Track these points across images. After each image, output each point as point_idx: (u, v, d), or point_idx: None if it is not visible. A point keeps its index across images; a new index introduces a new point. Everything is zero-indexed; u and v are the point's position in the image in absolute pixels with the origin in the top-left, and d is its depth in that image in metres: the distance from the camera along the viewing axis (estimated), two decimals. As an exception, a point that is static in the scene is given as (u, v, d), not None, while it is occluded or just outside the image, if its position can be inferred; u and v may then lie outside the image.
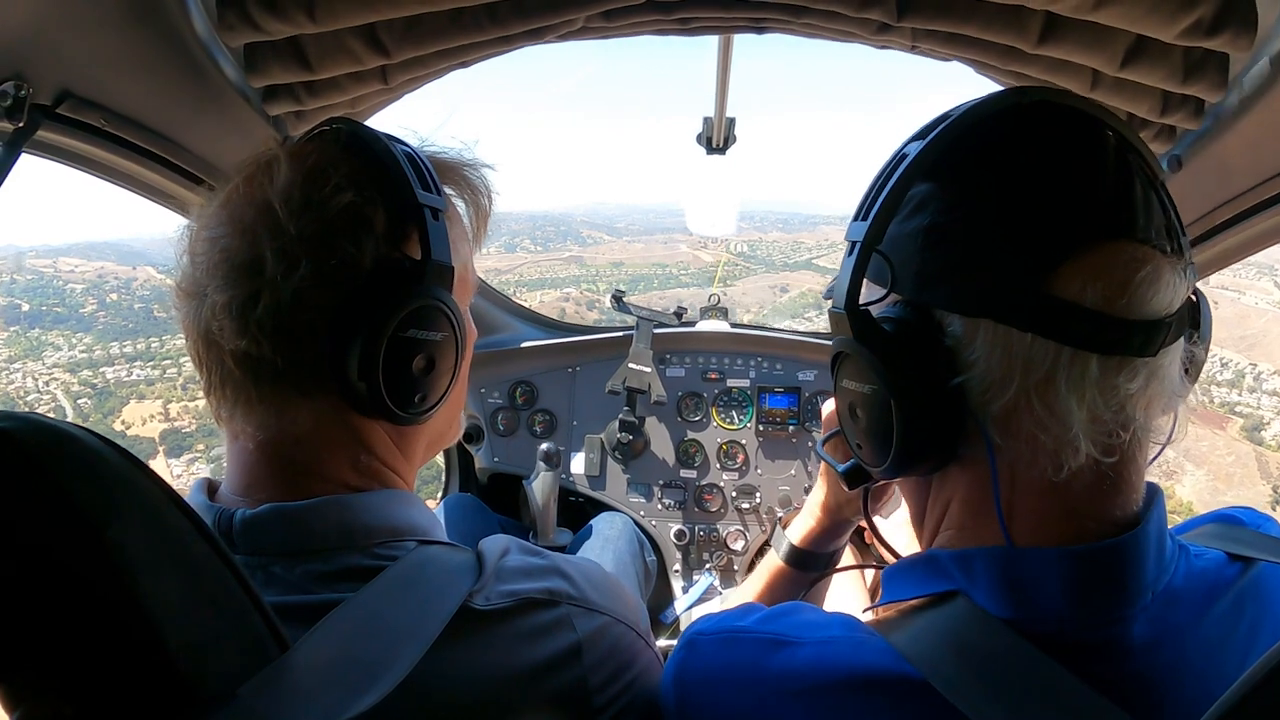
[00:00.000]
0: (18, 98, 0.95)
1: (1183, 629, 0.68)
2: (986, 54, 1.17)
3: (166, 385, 24.00)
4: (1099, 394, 0.64)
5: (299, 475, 0.80)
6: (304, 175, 0.78)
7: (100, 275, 27.19)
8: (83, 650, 0.54)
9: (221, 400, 0.80)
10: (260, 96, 1.22)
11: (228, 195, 0.80)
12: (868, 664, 0.69)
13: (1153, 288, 0.64)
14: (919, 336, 0.70)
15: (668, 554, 2.48)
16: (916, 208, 0.71)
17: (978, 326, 0.67)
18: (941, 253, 0.70)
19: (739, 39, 1.58)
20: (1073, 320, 0.64)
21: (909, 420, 0.69)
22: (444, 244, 0.83)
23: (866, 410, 0.74)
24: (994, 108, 0.69)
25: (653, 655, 0.94)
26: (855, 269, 0.70)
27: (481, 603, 0.75)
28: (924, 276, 0.70)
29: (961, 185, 0.70)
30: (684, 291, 42.57)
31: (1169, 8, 0.95)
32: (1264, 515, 0.86)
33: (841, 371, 0.77)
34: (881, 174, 0.71)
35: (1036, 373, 0.65)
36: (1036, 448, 0.66)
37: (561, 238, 50.74)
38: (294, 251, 0.75)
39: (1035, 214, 0.66)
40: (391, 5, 1.06)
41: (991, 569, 0.70)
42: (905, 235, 0.71)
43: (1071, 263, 0.64)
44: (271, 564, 0.74)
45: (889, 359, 0.69)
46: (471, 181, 0.96)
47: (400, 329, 0.77)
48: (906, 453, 0.71)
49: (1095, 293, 0.63)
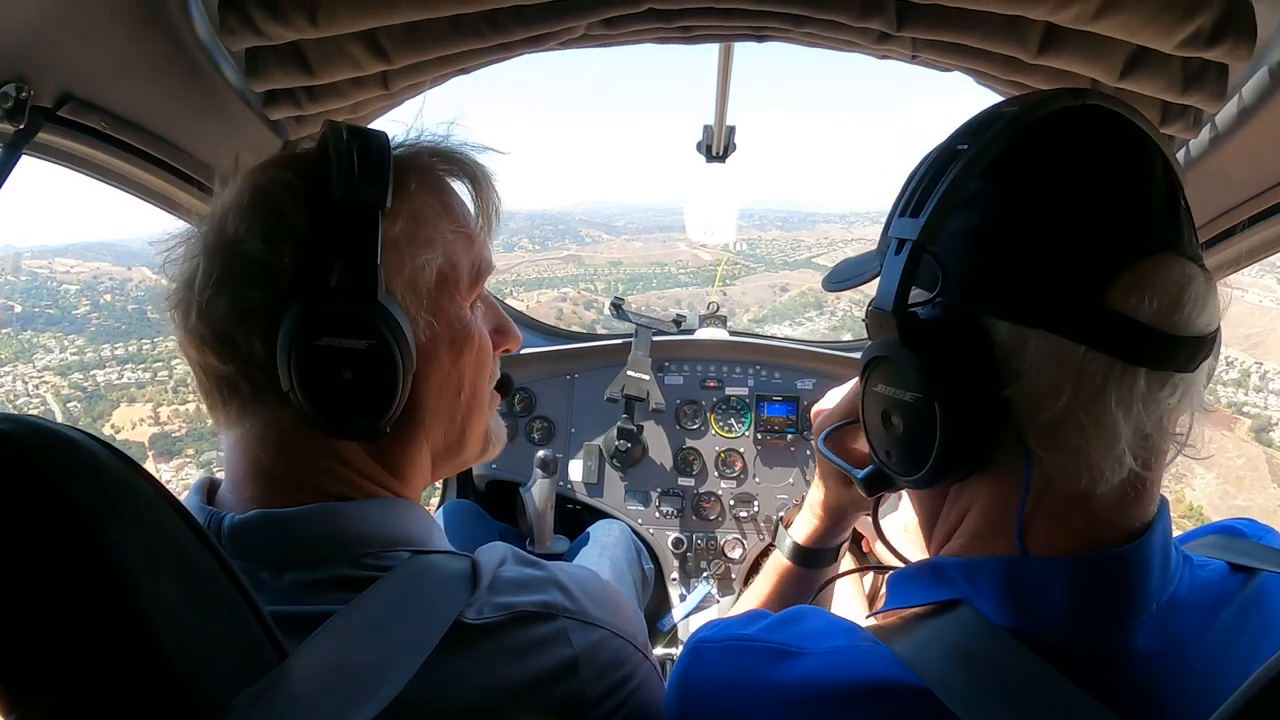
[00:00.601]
0: (19, 100, 0.95)
1: (1186, 639, 0.67)
2: (986, 64, 1.17)
3: (157, 388, 23.76)
4: (1144, 408, 0.63)
5: (281, 484, 0.79)
6: (249, 187, 0.79)
7: (95, 276, 27.00)
8: (80, 653, 0.53)
9: (208, 406, 0.81)
10: (261, 101, 1.22)
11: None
12: (872, 673, 0.69)
13: (1201, 304, 0.64)
14: (968, 343, 0.67)
15: (665, 562, 2.47)
16: (966, 205, 0.69)
17: (1028, 336, 0.65)
18: (995, 258, 0.68)
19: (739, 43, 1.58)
20: (1129, 335, 0.63)
21: (952, 430, 0.67)
22: (368, 242, 0.75)
23: (905, 418, 0.71)
24: (1048, 109, 0.67)
25: (651, 667, 0.92)
26: (906, 269, 0.67)
27: (474, 616, 0.74)
28: (974, 280, 0.68)
29: (1017, 189, 0.68)
30: (683, 291, 42.13)
31: (1168, 18, 0.96)
32: (1265, 526, 0.86)
33: (878, 375, 0.73)
34: (930, 169, 0.69)
35: (1088, 386, 0.63)
36: (1080, 460, 0.65)
37: (560, 236, 50.25)
38: (214, 259, 0.76)
39: (1093, 225, 0.65)
40: (392, 11, 1.06)
41: (996, 578, 0.70)
42: (954, 234, 0.69)
43: (1127, 276, 0.63)
44: (259, 570, 0.73)
45: (937, 366, 0.67)
46: (466, 166, 0.90)
47: (311, 337, 0.73)
48: (945, 463, 0.68)
49: (1150, 308, 0.62)
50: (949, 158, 0.67)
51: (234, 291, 0.75)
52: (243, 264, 0.75)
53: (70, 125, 1.06)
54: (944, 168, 0.67)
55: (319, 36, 1.08)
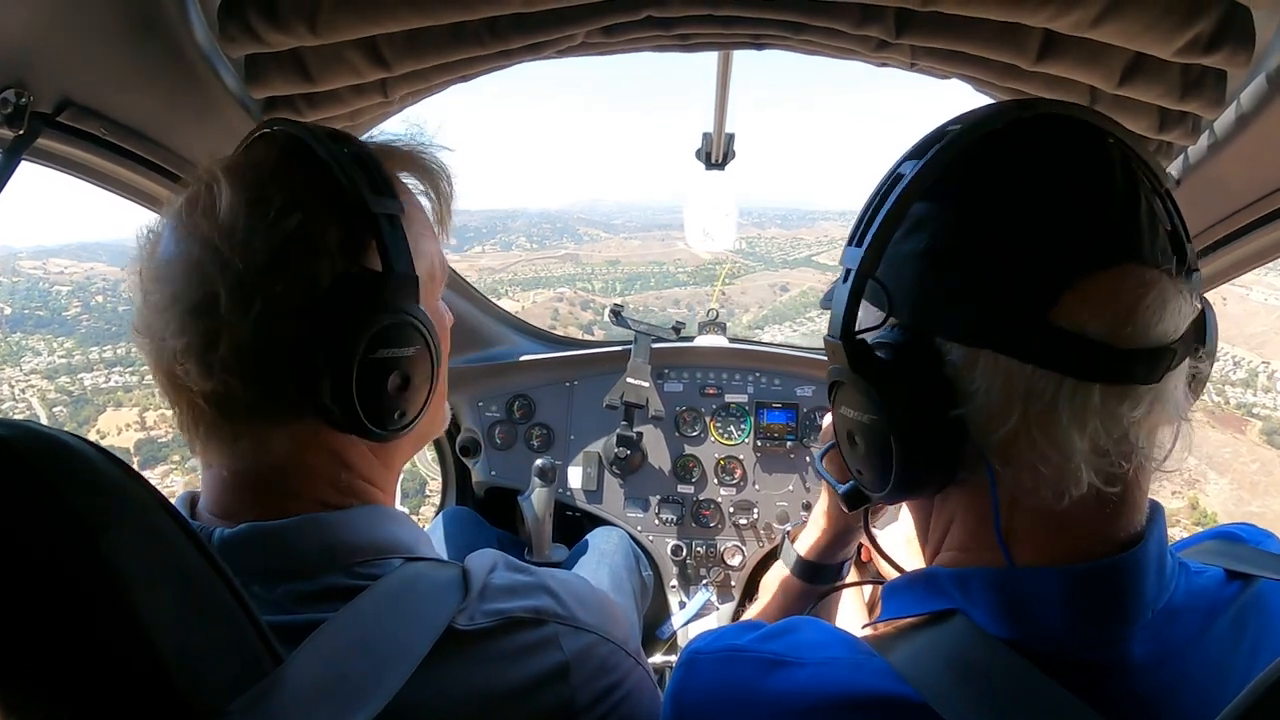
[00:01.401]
0: (18, 105, 0.95)
1: (1183, 647, 0.67)
2: (985, 71, 1.18)
3: (144, 392, 23.33)
4: (1101, 424, 0.63)
5: (276, 496, 0.79)
6: (246, 201, 0.74)
7: (88, 277, 26.67)
8: (76, 659, 0.53)
9: (194, 436, 0.78)
10: (261, 108, 1.22)
11: (170, 229, 0.77)
12: (866, 685, 0.68)
13: (1157, 314, 0.62)
14: (917, 365, 0.68)
15: (664, 569, 2.47)
16: (914, 228, 0.69)
17: (977, 355, 0.65)
18: (940, 278, 0.68)
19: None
20: (1076, 351, 0.62)
21: (908, 450, 0.68)
22: (404, 252, 0.79)
23: (864, 439, 0.72)
24: (994, 123, 0.67)
25: (643, 673, 0.92)
26: (850, 299, 0.68)
27: (465, 622, 0.74)
28: (922, 302, 0.69)
29: (960, 207, 0.68)
30: (681, 291, 41.83)
31: (1167, 25, 0.96)
32: (1265, 532, 0.85)
33: (839, 399, 0.75)
34: (876, 195, 0.69)
35: (1038, 404, 0.63)
36: (1038, 477, 0.65)
37: (558, 235, 49.92)
38: (246, 286, 0.72)
39: (1038, 240, 0.64)
40: (392, 19, 1.06)
41: (990, 589, 0.69)
42: (902, 258, 0.69)
43: (1075, 290, 0.62)
44: (251, 584, 0.72)
45: (886, 390, 0.67)
46: (427, 166, 0.92)
47: (369, 351, 0.74)
48: (905, 481, 0.70)
49: (1099, 322, 0.61)
50: (893, 182, 0.68)
51: (274, 314, 0.73)
52: (283, 286, 0.73)
53: (69, 131, 1.07)
54: (887, 193, 0.68)
55: (319, 44, 1.08)
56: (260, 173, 0.78)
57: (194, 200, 0.76)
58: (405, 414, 0.81)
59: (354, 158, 0.80)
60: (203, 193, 0.76)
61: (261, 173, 0.78)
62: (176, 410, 0.78)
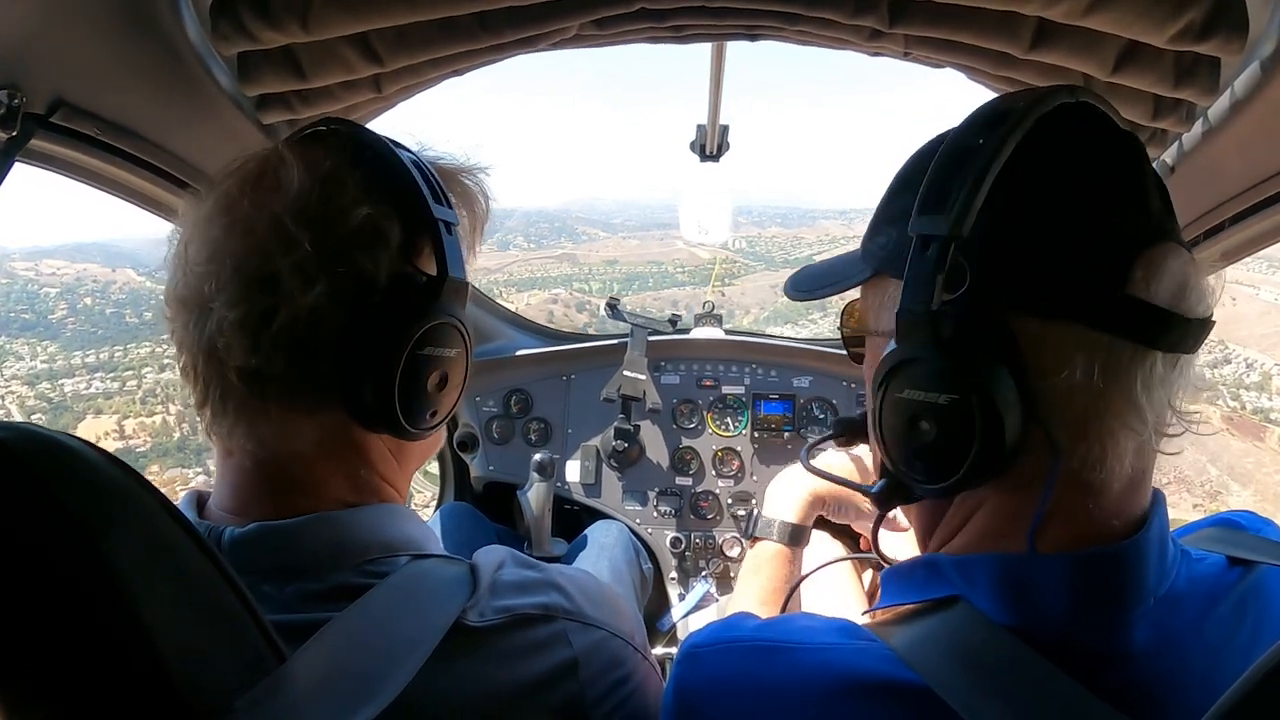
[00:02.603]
0: (11, 107, 0.95)
1: (1184, 633, 0.67)
2: (979, 60, 1.18)
3: (125, 399, 22.83)
4: (1161, 390, 0.65)
5: (292, 492, 0.79)
6: (319, 184, 0.76)
7: (79, 278, 26.00)
8: (79, 661, 0.53)
9: (220, 416, 0.77)
10: (254, 105, 1.22)
11: (228, 201, 0.77)
12: (868, 670, 0.68)
13: (1199, 289, 0.65)
14: (998, 341, 0.66)
15: (664, 561, 2.47)
16: (985, 203, 0.66)
17: (1055, 328, 0.65)
18: (1016, 253, 0.67)
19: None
20: (1148, 320, 0.63)
21: (990, 430, 0.64)
22: (459, 259, 0.83)
23: (938, 423, 0.67)
24: (1050, 105, 0.67)
25: (649, 667, 0.93)
26: (935, 268, 0.65)
27: (475, 619, 0.75)
28: (998, 277, 0.67)
29: (1033, 184, 0.67)
30: (680, 292, 41.26)
31: (1160, 13, 0.96)
32: (1265, 519, 0.86)
33: (903, 380, 0.70)
34: (949, 163, 0.67)
35: (1115, 372, 0.64)
36: (1107, 447, 0.65)
37: (556, 234, 49.22)
38: (311, 266, 0.73)
39: (1107, 216, 0.66)
40: (384, 14, 1.06)
41: (995, 575, 0.69)
42: (977, 230, 0.66)
43: (1140, 264, 0.64)
44: (260, 583, 0.72)
45: (972, 366, 0.65)
46: (469, 189, 0.95)
47: (417, 347, 0.77)
48: (981, 465, 0.66)
49: (1166, 291, 0.64)
50: (966, 153, 0.66)
51: (333, 298, 0.74)
52: (346, 272, 0.75)
53: (63, 132, 1.06)
54: (963, 162, 0.65)
55: (311, 40, 1.08)
56: (333, 163, 0.79)
57: (259, 175, 0.77)
58: (437, 414, 0.84)
59: (414, 164, 0.82)
60: (268, 173, 0.77)
61: (334, 163, 0.79)
62: (202, 387, 0.77)
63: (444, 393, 0.83)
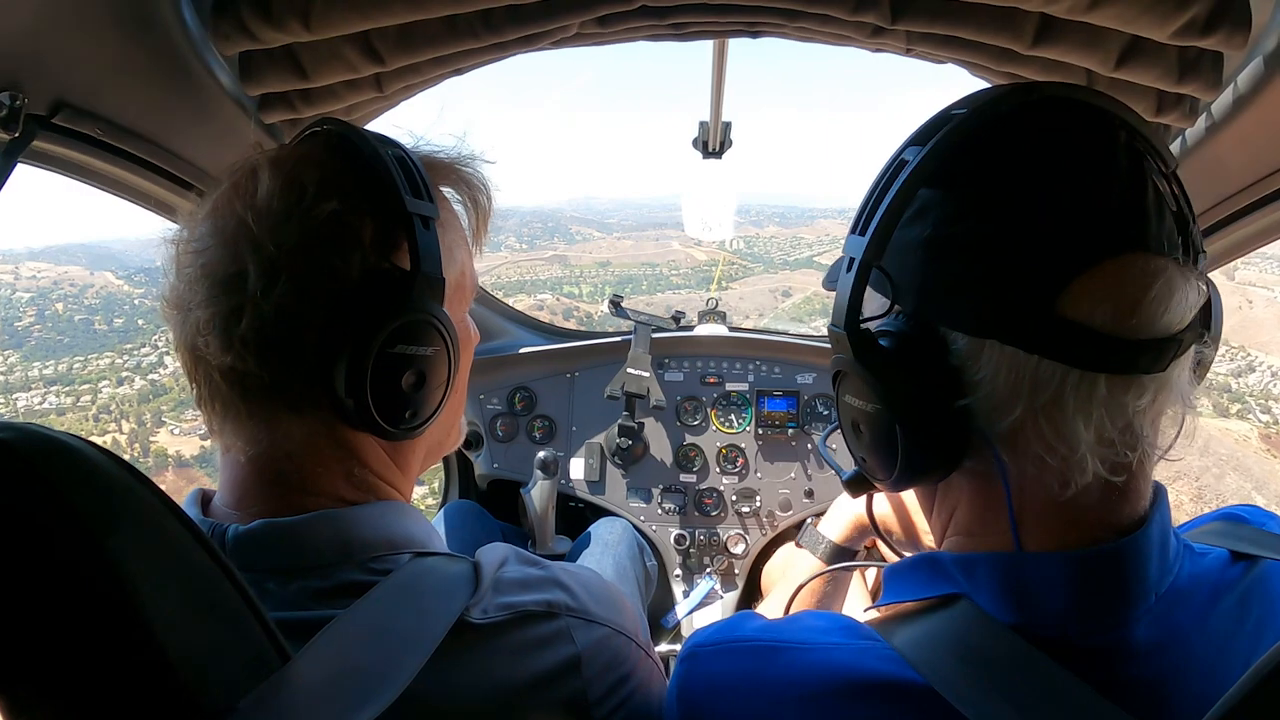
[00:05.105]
0: (13, 108, 0.95)
1: (1187, 629, 0.67)
2: (981, 56, 1.17)
3: (78, 415, 22.23)
4: (1106, 414, 0.62)
5: (291, 490, 0.79)
6: (283, 184, 0.76)
7: (57, 282, 25.35)
8: (82, 661, 0.53)
9: (212, 414, 0.79)
10: (256, 105, 1.22)
11: (213, 205, 0.78)
12: (871, 669, 0.69)
13: (1164, 304, 0.62)
14: (922, 355, 0.67)
15: (668, 558, 2.48)
16: (918, 215, 0.68)
17: (983, 345, 0.65)
18: (945, 267, 0.67)
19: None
20: (1082, 342, 0.61)
21: (911, 440, 0.68)
22: (434, 253, 0.80)
23: (869, 428, 0.72)
24: (999, 107, 0.66)
25: (653, 665, 0.93)
26: (854, 288, 0.67)
27: (479, 616, 0.75)
28: (927, 292, 0.68)
29: (966, 195, 0.67)
30: (674, 295, 40.66)
31: (1163, 8, 0.95)
32: (1269, 513, 0.85)
33: (843, 388, 0.74)
34: (880, 182, 0.68)
35: (1043, 395, 0.63)
36: (1043, 467, 0.65)
37: (549, 234, 48.70)
38: (275, 265, 0.73)
39: (1044, 229, 0.63)
40: (386, 13, 1.06)
41: (995, 573, 0.69)
42: (907, 246, 0.68)
43: (1081, 281, 0.61)
44: (265, 580, 0.72)
45: (890, 380, 0.67)
46: (468, 179, 0.94)
47: (388, 345, 0.75)
48: (910, 470, 0.70)
49: (1105, 312, 0.61)
50: (896, 169, 0.67)
51: (299, 297, 0.74)
52: (312, 271, 0.75)
53: (65, 132, 1.06)
54: (891, 180, 0.67)
55: (312, 40, 1.08)
56: (301, 162, 0.79)
57: (237, 184, 0.78)
58: (417, 414, 0.81)
59: (397, 159, 0.81)
60: (245, 176, 0.78)
61: (302, 162, 0.79)
62: (196, 386, 0.79)
63: (422, 392, 0.81)
